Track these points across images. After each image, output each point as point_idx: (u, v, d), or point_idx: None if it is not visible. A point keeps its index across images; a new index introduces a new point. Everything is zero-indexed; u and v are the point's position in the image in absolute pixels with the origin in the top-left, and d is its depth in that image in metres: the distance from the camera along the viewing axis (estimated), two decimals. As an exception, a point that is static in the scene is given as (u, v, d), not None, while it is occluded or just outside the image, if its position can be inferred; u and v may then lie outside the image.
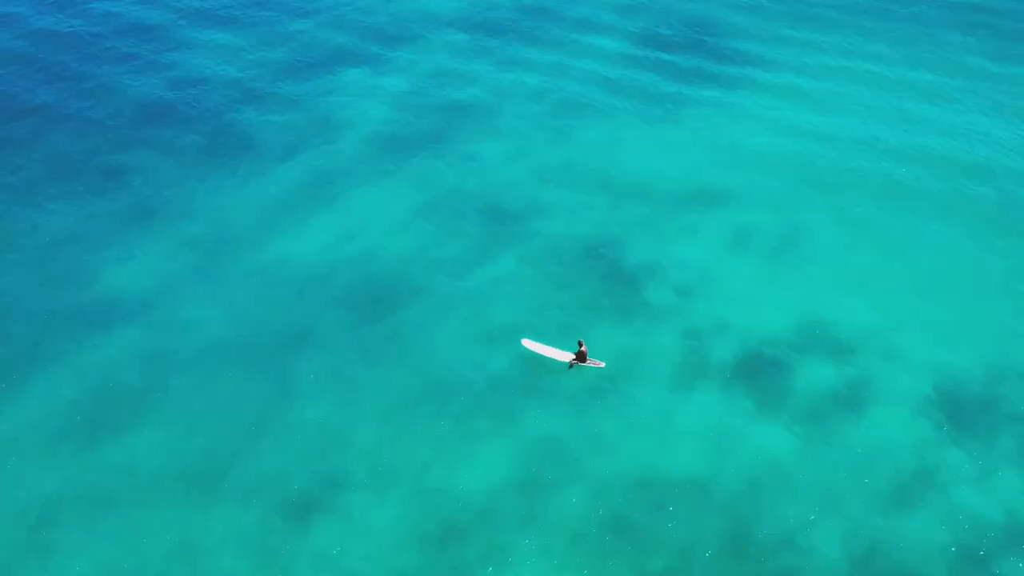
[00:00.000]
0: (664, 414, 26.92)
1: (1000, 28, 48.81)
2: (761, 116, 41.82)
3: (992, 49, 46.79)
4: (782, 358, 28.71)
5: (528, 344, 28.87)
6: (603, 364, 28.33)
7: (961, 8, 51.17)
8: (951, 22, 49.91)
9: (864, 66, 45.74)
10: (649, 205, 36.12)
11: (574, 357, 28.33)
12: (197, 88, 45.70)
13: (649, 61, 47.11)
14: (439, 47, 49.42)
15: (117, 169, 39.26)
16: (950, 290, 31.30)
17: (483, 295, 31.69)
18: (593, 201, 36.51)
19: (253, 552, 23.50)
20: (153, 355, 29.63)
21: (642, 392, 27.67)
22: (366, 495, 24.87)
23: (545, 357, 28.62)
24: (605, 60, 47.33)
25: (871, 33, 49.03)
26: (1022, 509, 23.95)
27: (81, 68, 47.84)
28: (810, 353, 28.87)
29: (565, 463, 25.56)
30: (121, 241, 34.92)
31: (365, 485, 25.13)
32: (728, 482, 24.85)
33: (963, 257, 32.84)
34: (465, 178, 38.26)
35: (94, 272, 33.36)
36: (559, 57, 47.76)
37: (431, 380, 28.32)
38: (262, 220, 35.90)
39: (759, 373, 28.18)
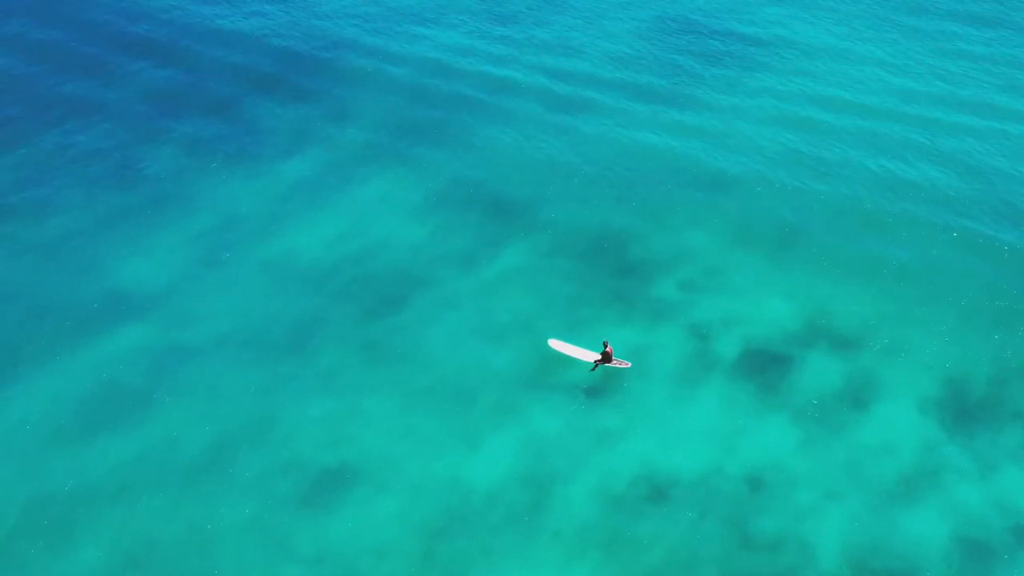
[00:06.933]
0: (668, 410, 27.02)
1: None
2: (768, 108, 41.65)
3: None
4: (787, 353, 28.74)
5: (555, 344, 28.69)
6: (629, 364, 28.02)
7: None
8: (960, 14, 49.55)
9: (873, 57, 45.51)
10: (656, 198, 36.12)
11: (599, 357, 28.15)
12: (204, 82, 45.80)
13: (657, 52, 46.89)
14: (447, 38, 49.31)
15: (125, 163, 39.45)
16: (955, 285, 31.22)
17: (490, 289, 31.80)
18: (600, 194, 36.51)
19: (260, 542, 23.79)
20: (161, 348, 29.87)
21: (647, 387, 27.75)
22: (372, 488, 25.10)
23: (571, 357, 28.44)
24: (613, 50, 47.13)
25: (882, 23, 48.70)
26: (1025, 506, 24.05)
27: (90, 62, 47.99)
28: (815, 348, 28.89)
29: (570, 458, 25.69)
30: (129, 235, 35.13)
31: (371, 479, 25.36)
32: (731, 478, 24.96)
33: (967, 251, 32.72)
34: (472, 171, 38.30)
35: (102, 265, 33.58)
36: (566, 48, 47.58)
37: (437, 375, 28.47)
38: (270, 214, 36.05)
39: (764, 369, 28.22)
